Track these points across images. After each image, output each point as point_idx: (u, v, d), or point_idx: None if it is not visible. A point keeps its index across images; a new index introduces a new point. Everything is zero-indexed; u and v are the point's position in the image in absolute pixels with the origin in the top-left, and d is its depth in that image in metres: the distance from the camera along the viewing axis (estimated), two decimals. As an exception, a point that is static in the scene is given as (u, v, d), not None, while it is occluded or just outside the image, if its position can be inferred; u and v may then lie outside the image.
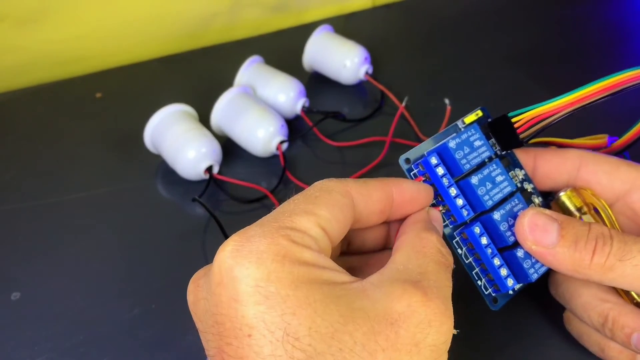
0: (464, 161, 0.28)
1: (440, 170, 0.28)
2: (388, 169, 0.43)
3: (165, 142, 0.42)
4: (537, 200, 0.31)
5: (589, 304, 0.28)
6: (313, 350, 0.19)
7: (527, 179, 0.31)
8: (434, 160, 0.28)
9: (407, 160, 0.29)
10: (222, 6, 0.59)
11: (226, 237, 0.35)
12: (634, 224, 0.30)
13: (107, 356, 0.33)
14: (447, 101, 0.44)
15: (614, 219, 0.30)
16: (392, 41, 0.58)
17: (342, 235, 0.24)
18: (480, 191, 0.28)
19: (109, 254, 0.38)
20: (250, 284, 0.20)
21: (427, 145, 0.29)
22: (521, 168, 0.31)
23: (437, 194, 0.28)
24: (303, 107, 0.47)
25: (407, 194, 0.26)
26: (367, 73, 0.49)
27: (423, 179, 0.28)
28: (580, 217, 0.30)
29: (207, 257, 0.38)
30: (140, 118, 0.43)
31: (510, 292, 0.29)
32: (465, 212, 0.28)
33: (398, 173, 0.43)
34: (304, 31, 0.52)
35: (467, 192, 0.28)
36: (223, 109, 0.44)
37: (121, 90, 0.53)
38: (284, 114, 0.46)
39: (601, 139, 0.32)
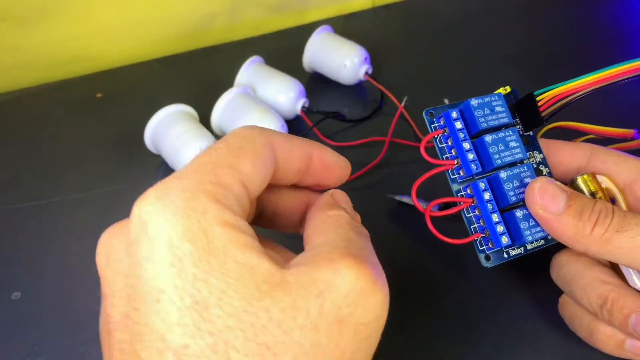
0: (482, 119, 0.30)
1: (458, 124, 0.30)
2: (388, 168, 0.43)
3: (165, 142, 0.42)
4: None
5: (590, 285, 0.29)
6: (222, 323, 0.18)
7: (544, 162, 0.32)
8: (454, 115, 0.30)
9: (431, 114, 0.31)
10: (222, 6, 0.59)
11: None
12: (637, 212, 0.30)
13: (107, 356, 0.33)
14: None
15: (628, 206, 0.30)
16: (392, 41, 0.58)
17: (260, 191, 0.22)
18: (492, 149, 0.29)
19: (109, 254, 0.38)
20: (164, 242, 0.18)
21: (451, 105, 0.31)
22: (540, 152, 0.32)
23: (451, 148, 0.30)
24: (303, 107, 0.47)
25: (326, 160, 0.25)
26: (366, 73, 0.49)
27: (441, 132, 0.30)
28: None
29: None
30: (140, 118, 0.43)
31: (505, 255, 0.30)
32: (474, 167, 0.29)
33: (397, 173, 0.43)
34: (304, 31, 0.52)
35: (479, 149, 0.30)
36: (223, 109, 0.44)
37: (121, 90, 0.53)
38: (284, 114, 0.46)
39: (628, 131, 0.33)
